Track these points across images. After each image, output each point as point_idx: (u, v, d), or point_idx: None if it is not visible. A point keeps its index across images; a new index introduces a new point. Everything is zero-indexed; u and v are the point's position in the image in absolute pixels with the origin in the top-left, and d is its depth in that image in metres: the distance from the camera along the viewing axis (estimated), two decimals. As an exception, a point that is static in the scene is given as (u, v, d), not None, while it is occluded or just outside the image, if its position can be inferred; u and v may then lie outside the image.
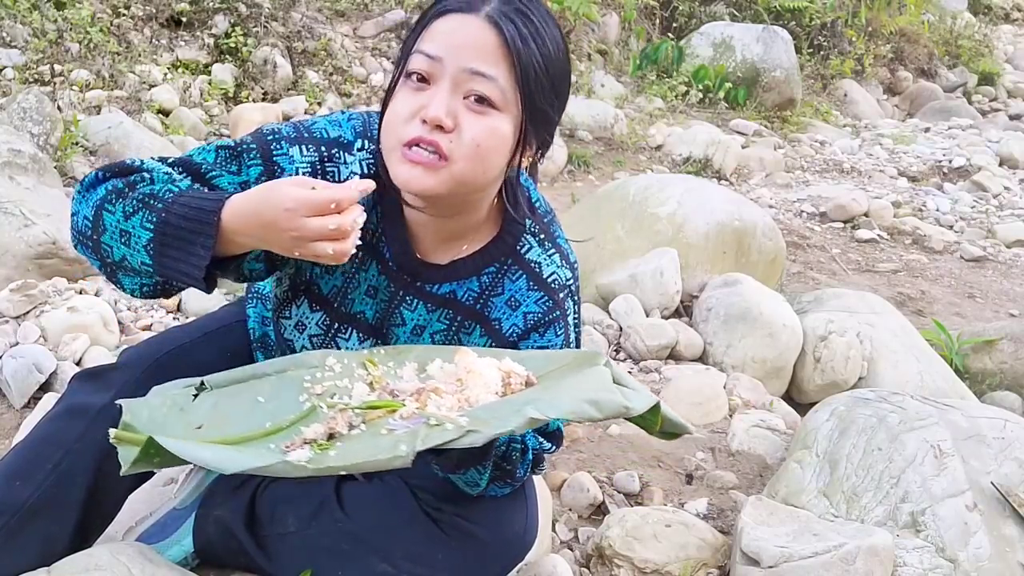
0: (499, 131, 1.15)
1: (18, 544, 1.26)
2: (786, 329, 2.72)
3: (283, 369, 1.19)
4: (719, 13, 7.51)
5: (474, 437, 0.98)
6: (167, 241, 1.11)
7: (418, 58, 1.14)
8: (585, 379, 1.10)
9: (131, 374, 1.32)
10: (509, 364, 1.12)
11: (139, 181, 1.16)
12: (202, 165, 1.22)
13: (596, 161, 5.24)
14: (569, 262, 1.35)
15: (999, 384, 3.01)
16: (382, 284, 1.32)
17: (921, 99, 8.20)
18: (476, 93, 1.12)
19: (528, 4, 1.16)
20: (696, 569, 1.72)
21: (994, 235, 4.82)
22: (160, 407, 1.10)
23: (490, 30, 1.12)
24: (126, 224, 1.13)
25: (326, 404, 1.10)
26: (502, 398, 1.08)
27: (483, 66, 1.12)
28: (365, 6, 5.64)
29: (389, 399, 1.10)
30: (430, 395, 1.07)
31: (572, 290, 1.34)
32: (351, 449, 1.01)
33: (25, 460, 1.29)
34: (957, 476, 1.80)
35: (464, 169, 1.14)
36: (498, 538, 1.43)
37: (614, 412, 1.05)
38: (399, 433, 1.02)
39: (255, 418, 1.10)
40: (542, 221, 1.34)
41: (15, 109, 3.34)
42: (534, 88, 1.15)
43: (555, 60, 1.18)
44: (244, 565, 1.48)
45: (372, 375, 1.16)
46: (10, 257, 2.66)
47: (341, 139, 1.26)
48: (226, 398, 1.13)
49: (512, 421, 0.99)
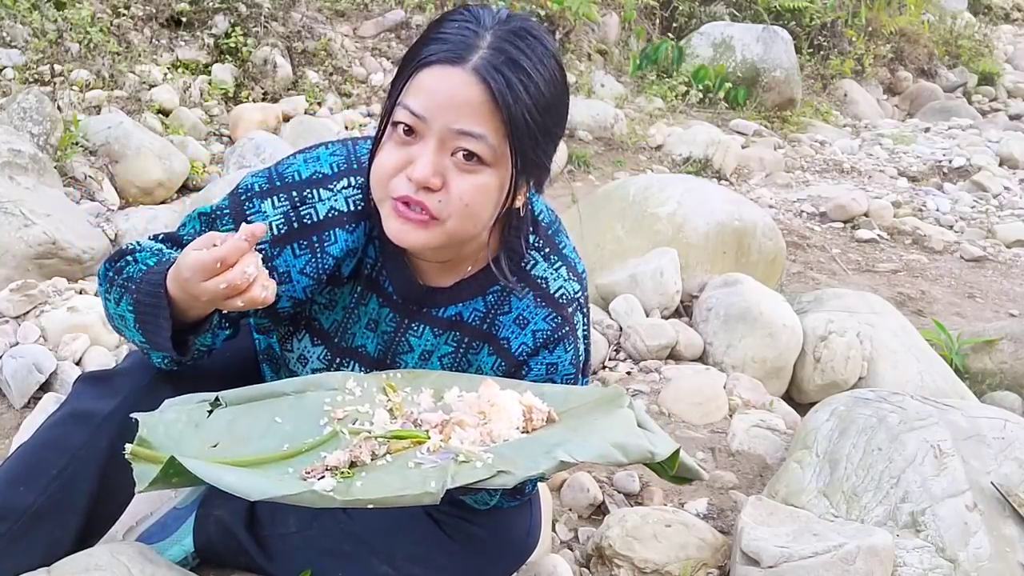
0: (488, 187, 1.12)
1: (20, 549, 1.26)
2: (786, 329, 2.72)
3: (302, 390, 1.17)
4: (719, 13, 7.51)
5: (505, 478, 0.98)
6: (144, 319, 1.14)
7: (403, 112, 1.11)
8: (611, 421, 1.09)
9: (138, 380, 1.31)
10: (530, 399, 1.11)
11: (124, 265, 1.19)
12: (184, 237, 1.25)
13: (596, 161, 5.24)
14: (577, 274, 1.33)
15: (999, 384, 3.01)
16: (384, 316, 1.31)
17: (921, 99, 8.19)
18: (464, 150, 1.09)
19: (521, 46, 1.10)
20: (696, 569, 1.72)
21: (994, 235, 4.82)
22: (175, 423, 1.08)
23: (477, 85, 1.07)
24: (118, 310, 1.18)
25: (347, 430, 1.09)
26: (528, 435, 1.08)
27: (470, 125, 1.08)
28: (365, 6, 5.64)
29: (412, 428, 1.08)
30: (455, 428, 1.06)
31: (581, 303, 1.33)
32: (379, 481, 0.99)
33: (29, 465, 1.29)
34: (957, 476, 1.80)
35: (455, 226, 1.13)
36: (500, 540, 1.43)
37: (640, 457, 1.05)
38: (427, 468, 1.01)
39: (272, 439, 1.08)
40: (546, 234, 1.32)
41: (15, 109, 3.33)
42: (526, 140, 1.11)
43: (549, 103, 1.13)
44: (244, 565, 1.48)
45: (392, 401, 1.15)
46: (10, 257, 2.66)
47: (316, 176, 1.24)
48: (242, 416, 1.11)
49: (542, 463, 0.99)
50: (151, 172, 3.55)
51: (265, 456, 1.05)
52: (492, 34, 1.10)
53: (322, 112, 4.71)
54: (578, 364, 1.32)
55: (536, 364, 1.29)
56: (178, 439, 1.05)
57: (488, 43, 1.09)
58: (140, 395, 1.28)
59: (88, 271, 2.84)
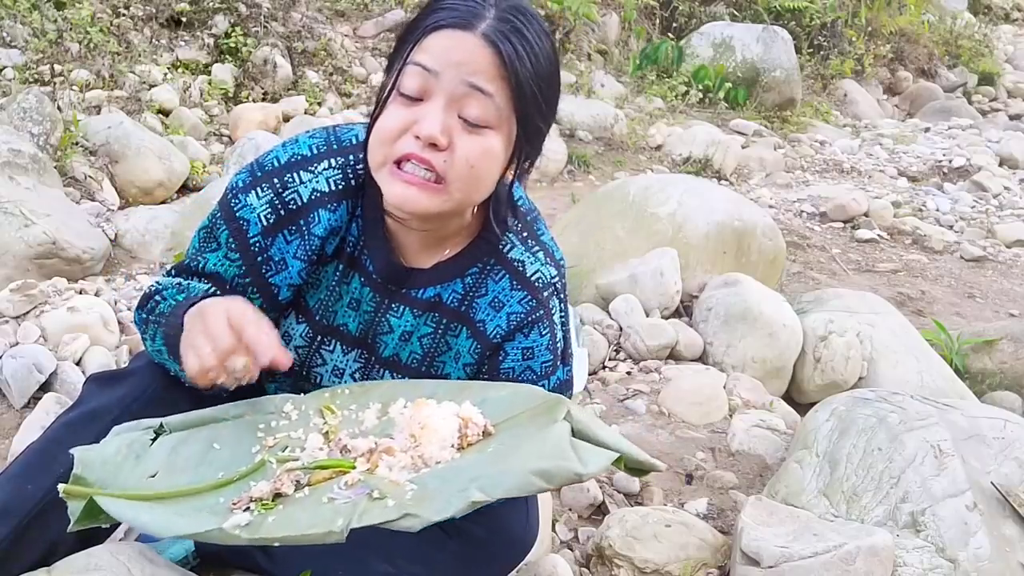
0: (493, 150, 1.14)
1: (24, 546, 1.26)
2: (786, 329, 2.72)
3: (241, 414, 1.18)
4: (719, 13, 7.52)
5: (411, 522, 0.96)
6: (175, 352, 1.17)
7: (413, 70, 1.12)
8: (541, 442, 1.06)
9: (147, 381, 1.31)
10: (468, 410, 1.10)
11: (155, 305, 1.25)
12: (191, 261, 1.30)
13: (596, 161, 5.24)
14: (554, 260, 1.34)
15: (999, 384, 3.01)
16: (365, 296, 1.32)
17: (921, 99, 8.20)
18: (471, 111, 1.11)
19: (523, 20, 1.14)
20: (696, 569, 1.72)
21: (994, 235, 4.82)
22: (115, 455, 1.10)
23: (487, 48, 1.10)
24: (156, 346, 1.24)
25: (276, 459, 1.10)
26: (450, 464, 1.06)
27: (481, 82, 1.10)
28: (365, 6, 5.64)
29: (339, 457, 1.09)
30: (382, 456, 1.06)
31: (558, 288, 1.33)
32: (289, 517, 1.00)
33: (37, 463, 1.29)
34: (957, 476, 1.80)
35: (460, 190, 1.14)
36: (499, 538, 1.43)
37: (565, 480, 1.02)
38: (339, 504, 1.00)
39: (209, 467, 1.10)
40: (524, 219, 1.33)
41: (15, 109, 3.34)
42: (530, 106, 1.14)
43: (548, 76, 1.16)
44: (245, 564, 1.48)
45: (329, 424, 1.15)
46: (10, 257, 2.66)
47: (294, 158, 1.25)
48: (182, 444, 1.13)
49: (453, 504, 0.97)
50: (151, 172, 3.55)
51: (199, 486, 1.06)
52: (495, 7, 1.13)
53: (322, 112, 4.71)
54: (555, 350, 1.32)
55: (512, 349, 1.29)
56: (115, 472, 1.07)
57: (493, 14, 1.12)
58: (151, 394, 1.29)
59: (88, 271, 2.84)
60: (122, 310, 2.53)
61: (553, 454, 1.03)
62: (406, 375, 1.34)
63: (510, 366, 1.30)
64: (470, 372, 1.33)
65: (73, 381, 2.10)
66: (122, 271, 2.95)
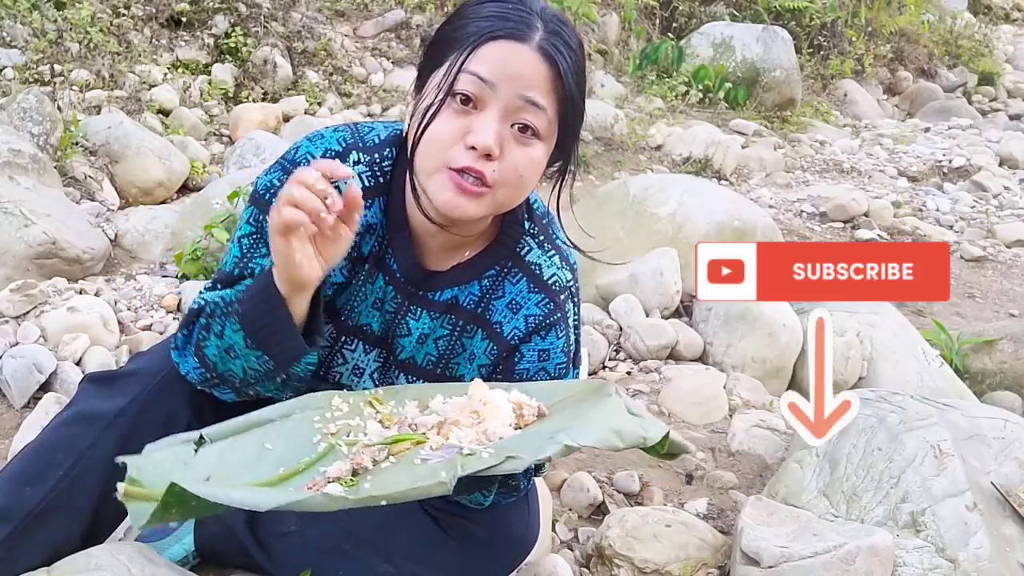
0: (538, 161, 1.18)
1: (25, 549, 1.26)
2: (786, 329, 2.72)
3: (287, 413, 1.15)
4: (719, 13, 7.51)
5: (514, 463, 0.98)
6: (258, 331, 1.14)
7: (468, 79, 1.13)
8: (603, 409, 1.11)
9: (146, 382, 1.30)
10: (518, 396, 1.12)
11: (215, 306, 1.20)
12: (237, 270, 1.25)
13: (596, 161, 5.24)
14: (569, 263, 1.34)
15: (999, 384, 3.01)
16: (389, 295, 1.31)
17: (921, 99, 8.20)
18: (523, 121, 1.14)
19: (569, 32, 1.17)
20: (696, 569, 1.72)
21: (994, 235, 4.82)
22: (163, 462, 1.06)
23: (543, 62, 1.13)
24: (223, 343, 1.18)
25: (344, 442, 1.08)
26: (522, 430, 1.08)
27: (537, 96, 1.13)
28: (365, 6, 5.64)
29: (410, 432, 1.09)
30: (451, 428, 1.06)
31: (572, 291, 1.34)
32: (388, 479, 0.99)
33: (35, 465, 1.28)
34: (957, 476, 1.80)
35: (504, 195, 1.17)
36: (499, 538, 1.43)
37: (634, 442, 1.07)
38: (433, 463, 1.01)
39: (265, 465, 1.07)
40: (541, 223, 1.34)
41: (15, 109, 3.34)
42: (575, 120, 1.18)
43: (584, 86, 1.21)
44: (245, 564, 1.48)
45: (381, 413, 1.15)
46: (10, 257, 2.66)
47: (328, 154, 1.25)
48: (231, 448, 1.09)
49: (548, 448, 1.00)
50: (151, 172, 3.55)
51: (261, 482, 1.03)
52: (541, 19, 1.15)
53: (322, 112, 4.71)
54: (569, 353, 1.33)
55: (528, 351, 1.30)
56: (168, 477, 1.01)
57: (543, 26, 1.14)
58: (148, 396, 1.28)
59: (88, 271, 2.84)
60: (122, 310, 2.53)
61: (619, 417, 1.09)
62: (421, 377, 1.34)
63: (525, 367, 1.30)
64: (485, 373, 1.32)
65: (73, 381, 2.10)
66: (122, 271, 2.95)
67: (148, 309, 2.58)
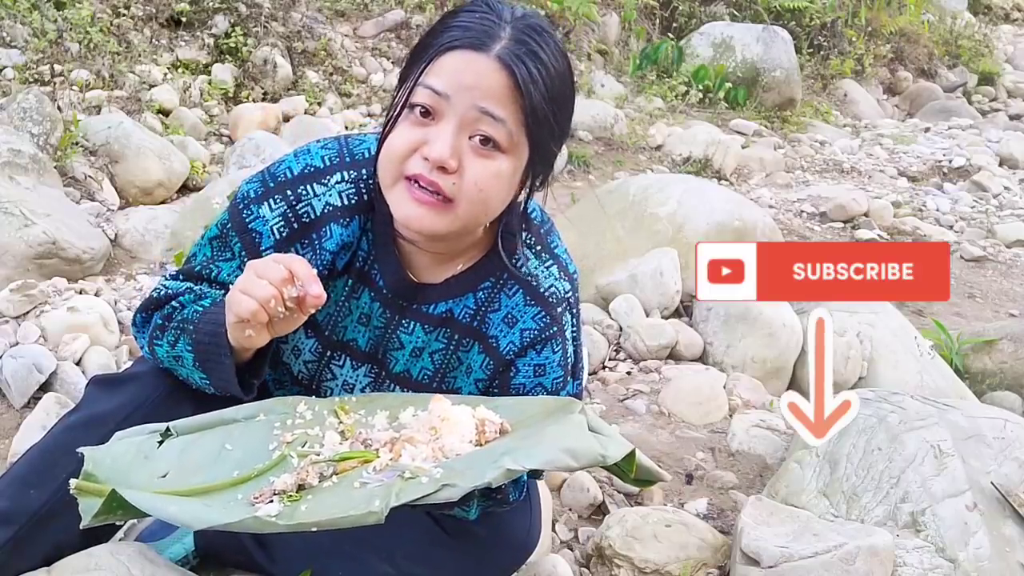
0: (503, 174, 1.13)
1: (28, 550, 1.26)
2: (786, 329, 2.72)
3: (252, 415, 1.17)
4: (719, 13, 7.51)
5: (450, 492, 0.97)
6: (205, 359, 1.17)
7: (423, 92, 1.11)
8: (561, 427, 1.08)
9: (150, 386, 1.30)
10: (483, 412, 1.11)
11: (173, 311, 1.23)
12: (203, 269, 1.27)
13: (596, 161, 5.24)
14: (568, 273, 1.32)
15: (999, 384, 3.01)
16: (375, 311, 1.30)
17: (921, 99, 8.19)
18: (482, 134, 1.10)
19: (539, 40, 1.12)
20: (696, 569, 1.72)
21: (994, 235, 4.82)
22: (124, 455, 1.08)
23: (501, 71, 1.09)
24: (174, 351, 1.22)
25: (296, 453, 1.09)
26: (477, 447, 1.07)
27: (493, 107, 1.09)
28: (365, 6, 5.63)
29: (362, 449, 1.08)
30: (404, 445, 1.06)
31: (571, 303, 1.32)
32: (323, 503, 0.99)
33: (39, 468, 1.28)
34: (957, 476, 1.80)
35: (467, 211, 1.13)
36: (500, 539, 1.43)
37: (590, 461, 1.05)
38: (372, 487, 1.00)
39: (222, 466, 1.08)
40: (538, 232, 1.32)
41: (15, 109, 3.33)
42: (543, 129, 1.13)
43: (562, 98, 1.15)
44: (245, 564, 1.48)
45: (344, 424, 1.15)
46: (10, 257, 2.66)
47: (307, 170, 1.24)
48: (193, 445, 1.12)
49: (488, 473, 0.98)
50: (151, 172, 3.55)
51: (214, 484, 1.05)
52: (511, 27, 1.12)
53: (322, 112, 4.71)
54: (566, 367, 1.31)
55: (524, 365, 1.28)
56: (126, 471, 1.05)
57: (509, 34, 1.11)
58: (154, 400, 1.28)
59: (88, 271, 2.84)
60: (122, 310, 2.53)
61: (577, 436, 1.06)
62: (417, 392, 1.33)
63: (521, 382, 1.29)
64: (481, 387, 1.32)
65: (73, 381, 2.10)
66: (122, 271, 2.95)
67: (148, 309, 2.57)
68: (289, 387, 1.39)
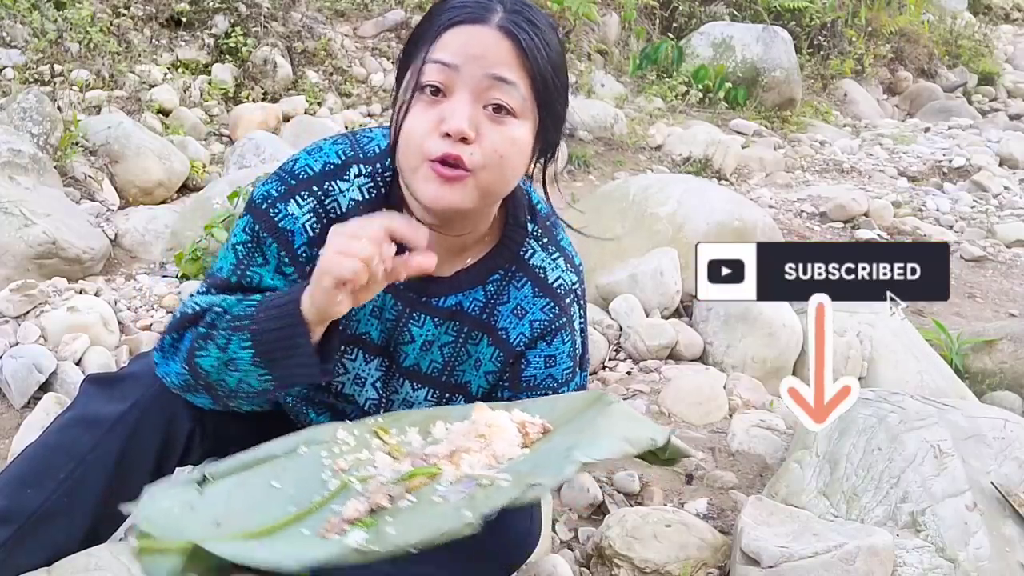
0: (519, 139, 1.15)
1: (26, 551, 1.26)
2: (786, 329, 2.72)
3: (292, 448, 1.11)
4: (719, 13, 7.51)
5: (537, 491, 0.96)
6: (269, 351, 1.12)
7: (433, 68, 1.12)
8: (611, 419, 1.09)
9: (147, 385, 1.29)
10: (520, 415, 1.10)
11: (217, 316, 1.18)
12: (240, 278, 1.23)
13: (596, 161, 5.24)
14: (574, 265, 1.33)
15: (999, 384, 3.01)
16: (388, 303, 1.30)
17: (921, 99, 8.20)
18: (496, 101, 1.12)
19: (531, 12, 1.15)
20: (696, 569, 1.72)
21: (994, 235, 4.82)
22: (171, 509, 1.02)
23: (505, 39, 1.12)
24: (225, 356, 1.15)
25: (356, 479, 1.04)
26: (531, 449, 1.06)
27: (504, 71, 1.11)
28: (365, 6, 5.64)
29: (423, 465, 1.05)
30: (462, 456, 1.04)
31: (578, 294, 1.33)
32: (411, 523, 0.96)
33: (37, 467, 1.28)
34: (957, 476, 1.80)
35: (487, 179, 1.14)
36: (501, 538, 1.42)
37: (645, 446, 1.06)
38: (455, 500, 0.98)
39: (276, 505, 1.03)
40: (544, 224, 1.33)
41: (15, 109, 3.34)
42: (551, 93, 1.16)
43: (561, 67, 1.19)
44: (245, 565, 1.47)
45: (389, 444, 1.12)
46: (10, 257, 2.66)
47: (327, 167, 1.24)
48: (238, 488, 1.06)
49: (566, 468, 0.98)
50: (151, 172, 3.55)
51: (274, 524, 1.00)
52: (502, 4, 1.14)
53: (322, 112, 4.71)
54: (575, 357, 1.32)
55: (534, 357, 1.29)
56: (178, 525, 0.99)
57: (504, 8, 1.14)
58: (150, 399, 1.28)
59: (88, 271, 2.84)
60: (122, 310, 2.53)
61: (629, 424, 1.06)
62: (426, 384, 1.33)
63: (532, 374, 1.30)
64: (491, 380, 1.32)
65: (73, 381, 2.10)
66: (122, 271, 2.95)
67: (148, 309, 2.58)
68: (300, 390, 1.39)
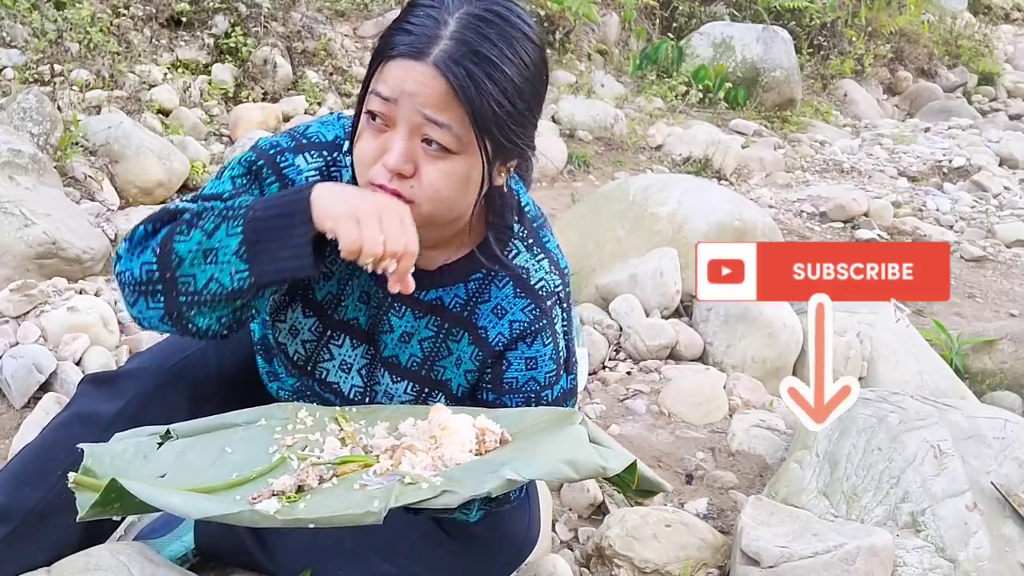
0: (458, 174, 1.13)
1: (26, 548, 1.26)
2: (786, 329, 2.72)
3: (253, 420, 1.17)
4: (719, 13, 7.51)
5: (449, 498, 0.97)
6: (260, 238, 1.08)
7: (375, 99, 1.12)
8: (562, 438, 1.09)
9: (144, 383, 1.30)
10: (484, 421, 1.11)
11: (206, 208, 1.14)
12: (226, 194, 1.20)
13: (596, 161, 5.24)
14: (559, 268, 1.32)
15: (999, 384, 3.01)
16: (374, 289, 1.30)
17: (921, 99, 8.20)
18: (429, 138, 1.10)
19: (486, 32, 1.09)
20: (696, 569, 1.72)
21: (994, 235, 4.82)
22: (123, 453, 1.09)
23: (439, 78, 1.07)
24: (208, 242, 1.10)
25: (296, 456, 1.09)
26: (477, 457, 1.07)
27: (434, 114, 1.08)
28: (365, 6, 5.64)
29: (362, 454, 1.09)
30: (404, 452, 1.06)
31: (561, 297, 1.32)
32: (322, 502, 1.00)
33: (34, 466, 1.29)
34: (957, 476, 1.80)
35: (428, 210, 1.13)
36: (500, 538, 1.43)
37: (591, 472, 1.05)
38: (372, 489, 1.01)
39: (221, 469, 1.09)
40: (531, 226, 1.32)
41: (15, 109, 3.33)
42: (494, 127, 1.11)
43: (520, 89, 1.12)
44: (245, 563, 1.48)
45: (344, 431, 1.16)
46: (10, 257, 2.66)
47: (339, 141, 1.25)
48: (192, 447, 1.12)
49: (489, 482, 0.99)
50: (151, 172, 3.55)
51: (212, 485, 1.05)
52: (456, 21, 1.09)
53: (322, 112, 4.71)
54: (559, 361, 1.32)
55: (515, 358, 1.29)
56: (125, 469, 1.06)
57: (451, 32, 1.09)
58: (147, 396, 1.28)
59: (88, 271, 2.84)
60: (122, 310, 2.53)
61: (577, 447, 1.06)
62: (406, 378, 1.33)
63: (514, 376, 1.29)
64: (471, 379, 1.32)
65: (73, 381, 2.10)
66: (122, 271, 2.95)
67: (148, 309, 2.57)
68: (284, 377, 1.39)
